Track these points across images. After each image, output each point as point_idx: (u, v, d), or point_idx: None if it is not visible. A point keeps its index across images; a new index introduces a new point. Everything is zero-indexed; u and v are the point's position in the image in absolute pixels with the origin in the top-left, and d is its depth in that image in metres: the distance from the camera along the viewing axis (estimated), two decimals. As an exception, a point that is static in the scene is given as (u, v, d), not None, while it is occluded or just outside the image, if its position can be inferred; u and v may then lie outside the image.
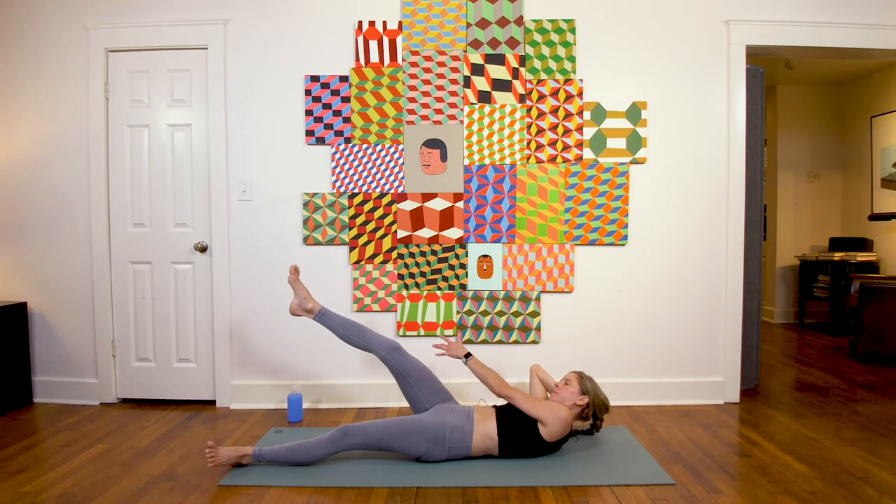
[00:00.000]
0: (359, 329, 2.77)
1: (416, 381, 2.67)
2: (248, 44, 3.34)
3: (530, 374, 2.90)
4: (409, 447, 2.46)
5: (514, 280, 3.35)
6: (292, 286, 2.83)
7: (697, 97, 3.36)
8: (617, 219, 3.34)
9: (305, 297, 2.80)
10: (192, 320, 3.43)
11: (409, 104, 3.32)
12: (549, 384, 2.81)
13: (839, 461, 2.53)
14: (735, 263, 3.37)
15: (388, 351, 2.70)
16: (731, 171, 3.36)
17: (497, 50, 3.31)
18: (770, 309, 6.23)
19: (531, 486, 2.30)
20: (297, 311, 2.82)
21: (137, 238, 3.43)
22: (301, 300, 2.81)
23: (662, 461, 2.55)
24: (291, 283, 2.82)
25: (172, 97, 3.38)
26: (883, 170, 5.44)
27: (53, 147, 3.41)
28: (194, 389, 3.44)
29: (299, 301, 2.81)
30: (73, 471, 2.48)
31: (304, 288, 2.82)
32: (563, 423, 2.49)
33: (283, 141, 3.36)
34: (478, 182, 3.34)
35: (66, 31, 3.37)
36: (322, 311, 2.80)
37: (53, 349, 3.47)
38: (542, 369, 2.90)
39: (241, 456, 2.45)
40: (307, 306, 2.80)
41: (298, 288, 2.81)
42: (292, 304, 2.83)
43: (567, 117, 3.32)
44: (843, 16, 3.35)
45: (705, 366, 3.41)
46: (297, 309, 2.82)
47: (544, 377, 2.85)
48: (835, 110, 6.08)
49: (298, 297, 2.81)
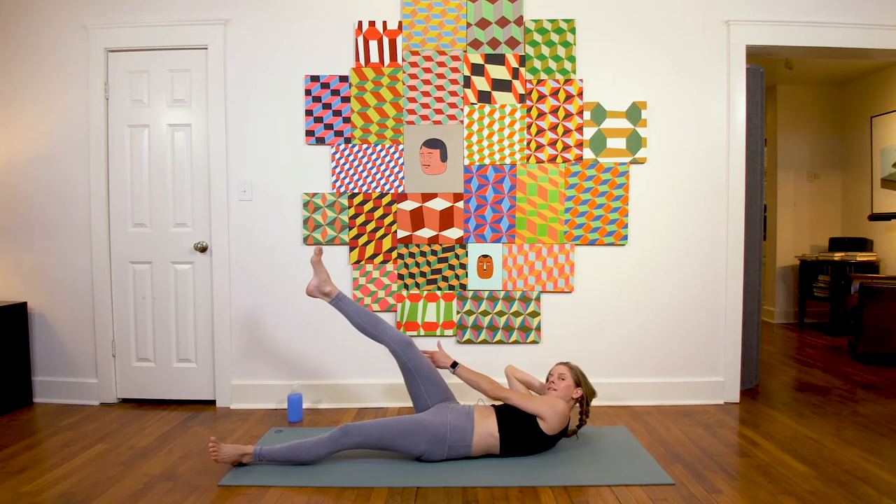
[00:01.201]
0: (374, 320, 2.75)
1: (424, 379, 2.67)
2: (248, 44, 3.34)
3: (507, 378, 2.89)
4: (410, 446, 2.46)
5: (514, 280, 3.35)
6: (314, 266, 2.79)
7: (697, 97, 3.36)
8: (617, 219, 3.34)
9: (325, 280, 2.78)
10: (192, 320, 3.43)
11: (409, 104, 3.32)
12: (530, 382, 2.84)
13: (839, 461, 2.53)
14: (735, 263, 3.37)
15: (401, 345, 2.69)
16: (731, 171, 3.36)
17: (497, 50, 3.31)
18: (770, 309, 6.23)
19: (531, 486, 2.30)
20: (314, 293, 2.79)
21: (137, 238, 3.43)
22: (320, 282, 2.77)
23: (662, 461, 2.55)
24: (314, 264, 2.79)
25: (172, 97, 3.38)
26: (883, 170, 5.44)
27: (53, 147, 3.42)
28: (194, 389, 3.44)
29: (318, 282, 2.77)
30: (73, 471, 2.48)
31: (325, 270, 2.79)
32: (561, 416, 2.52)
33: (283, 141, 3.36)
34: (478, 182, 3.34)
35: (66, 31, 3.37)
36: (339, 296, 2.78)
37: (53, 349, 3.47)
38: (517, 369, 2.92)
39: (243, 454, 2.45)
40: (325, 289, 2.78)
41: (319, 269, 2.78)
42: (310, 284, 2.79)
43: (567, 117, 3.32)
44: (842, 16, 3.35)
45: (705, 366, 3.41)
46: (314, 290, 2.79)
47: (522, 376, 2.87)
48: (835, 110, 6.08)
49: (318, 279, 2.78)
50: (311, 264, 2.83)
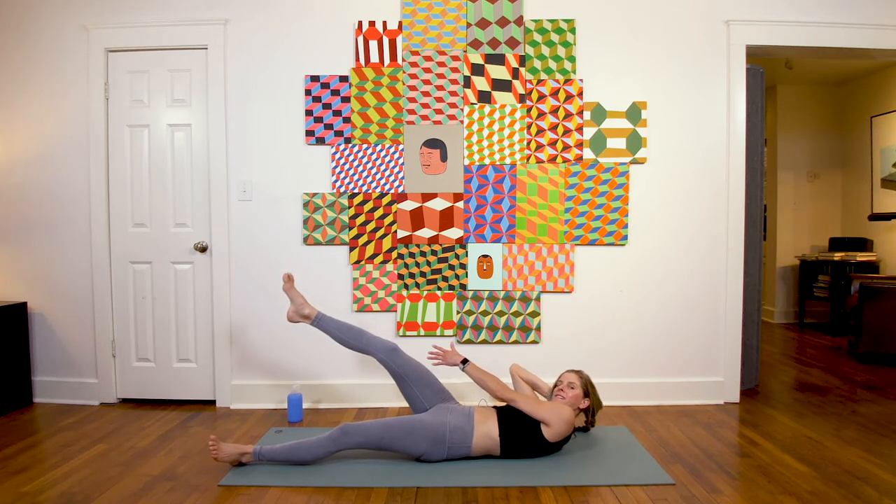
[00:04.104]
0: (356, 332, 2.78)
1: (415, 382, 2.67)
2: (248, 44, 3.34)
3: (512, 377, 2.89)
4: (410, 446, 2.46)
5: (514, 280, 3.35)
6: (287, 294, 2.84)
7: (697, 97, 3.36)
8: (617, 219, 3.34)
9: (302, 304, 2.81)
10: (192, 320, 3.43)
11: (409, 104, 3.32)
12: (535, 382, 2.84)
13: (839, 461, 2.53)
14: (735, 263, 3.37)
15: (386, 353, 2.70)
16: (731, 171, 3.36)
17: (497, 50, 3.31)
18: (770, 309, 6.23)
19: (531, 486, 2.29)
20: (295, 318, 2.83)
21: (137, 238, 3.43)
22: (297, 307, 2.81)
23: (662, 461, 2.55)
24: (286, 291, 2.83)
25: (172, 97, 3.38)
26: (883, 170, 5.44)
27: (53, 147, 3.41)
28: (194, 389, 3.44)
29: (296, 308, 2.82)
30: (73, 471, 2.48)
31: (299, 294, 2.83)
32: (567, 424, 2.50)
33: (283, 141, 3.36)
34: (478, 182, 3.34)
35: (66, 31, 3.37)
36: (319, 317, 2.81)
37: (53, 349, 3.47)
38: (522, 369, 2.92)
39: (242, 454, 2.45)
40: (304, 312, 2.81)
41: (294, 295, 2.83)
42: (289, 311, 2.84)
43: (567, 117, 3.32)
44: (843, 16, 3.35)
45: (705, 366, 3.41)
46: (294, 315, 2.83)
47: (527, 376, 2.87)
48: (835, 110, 6.07)
49: (295, 304, 2.82)
50: (284, 291, 2.88)
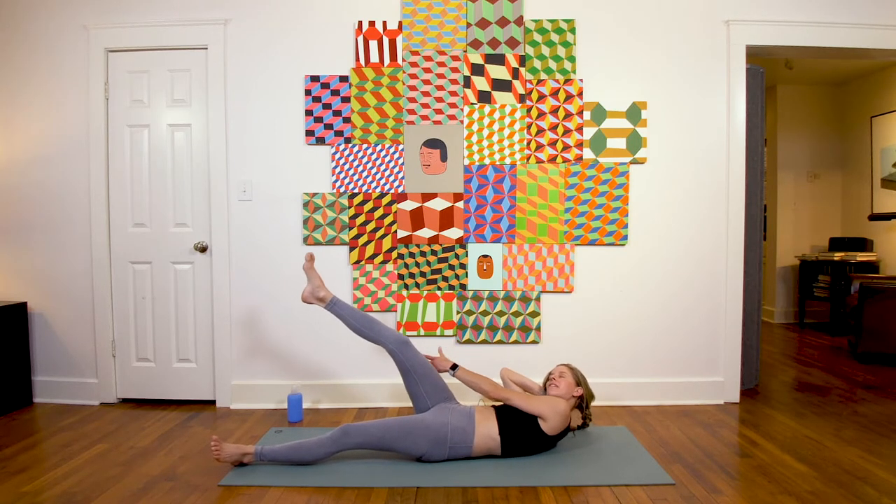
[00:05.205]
0: (369, 321, 2.77)
1: (421, 378, 2.67)
2: (248, 44, 3.34)
3: (503, 381, 2.89)
4: (411, 447, 2.46)
5: (514, 280, 3.35)
6: (307, 273, 2.82)
7: (697, 97, 3.36)
8: (617, 219, 3.34)
9: (319, 286, 2.80)
10: (192, 320, 3.43)
11: (409, 104, 3.32)
12: (526, 384, 2.85)
13: (839, 461, 2.53)
14: (735, 263, 3.37)
15: (397, 345, 2.70)
16: (731, 171, 3.36)
17: (497, 50, 3.31)
18: (770, 309, 6.23)
19: (531, 486, 2.30)
20: (309, 299, 2.81)
21: (137, 238, 3.43)
22: (314, 288, 2.80)
23: (662, 461, 2.55)
24: (306, 271, 2.81)
25: (172, 97, 3.38)
26: (883, 170, 5.44)
27: (53, 147, 3.41)
28: (194, 389, 3.44)
29: (312, 289, 2.80)
30: (73, 471, 2.48)
31: (318, 276, 2.81)
32: (562, 416, 2.52)
33: (283, 141, 3.36)
34: (478, 182, 3.34)
35: (66, 32, 3.37)
36: (334, 301, 2.79)
37: (53, 349, 3.47)
38: (513, 371, 2.92)
39: (244, 454, 2.45)
40: (319, 294, 2.79)
41: (312, 276, 2.81)
42: (305, 291, 2.82)
43: (567, 117, 3.32)
44: (842, 16, 3.35)
45: (705, 366, 3.41)
46: (309, 297, 2.81)
47: (518, 378, 2.88)
48: (835, 110, 6.08)
49: (312, 285, 2.80)
50: (304, 271, 2.85)
